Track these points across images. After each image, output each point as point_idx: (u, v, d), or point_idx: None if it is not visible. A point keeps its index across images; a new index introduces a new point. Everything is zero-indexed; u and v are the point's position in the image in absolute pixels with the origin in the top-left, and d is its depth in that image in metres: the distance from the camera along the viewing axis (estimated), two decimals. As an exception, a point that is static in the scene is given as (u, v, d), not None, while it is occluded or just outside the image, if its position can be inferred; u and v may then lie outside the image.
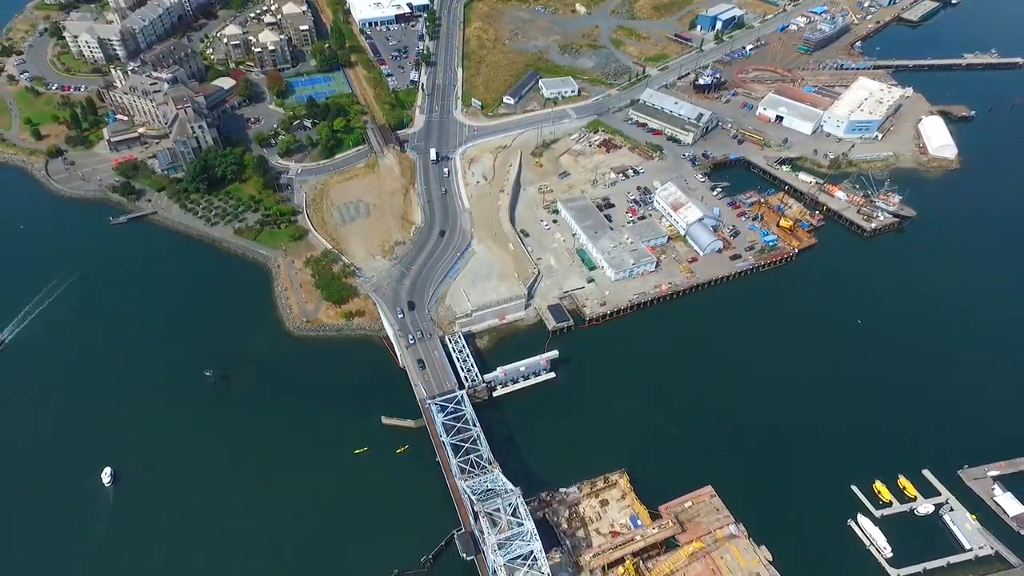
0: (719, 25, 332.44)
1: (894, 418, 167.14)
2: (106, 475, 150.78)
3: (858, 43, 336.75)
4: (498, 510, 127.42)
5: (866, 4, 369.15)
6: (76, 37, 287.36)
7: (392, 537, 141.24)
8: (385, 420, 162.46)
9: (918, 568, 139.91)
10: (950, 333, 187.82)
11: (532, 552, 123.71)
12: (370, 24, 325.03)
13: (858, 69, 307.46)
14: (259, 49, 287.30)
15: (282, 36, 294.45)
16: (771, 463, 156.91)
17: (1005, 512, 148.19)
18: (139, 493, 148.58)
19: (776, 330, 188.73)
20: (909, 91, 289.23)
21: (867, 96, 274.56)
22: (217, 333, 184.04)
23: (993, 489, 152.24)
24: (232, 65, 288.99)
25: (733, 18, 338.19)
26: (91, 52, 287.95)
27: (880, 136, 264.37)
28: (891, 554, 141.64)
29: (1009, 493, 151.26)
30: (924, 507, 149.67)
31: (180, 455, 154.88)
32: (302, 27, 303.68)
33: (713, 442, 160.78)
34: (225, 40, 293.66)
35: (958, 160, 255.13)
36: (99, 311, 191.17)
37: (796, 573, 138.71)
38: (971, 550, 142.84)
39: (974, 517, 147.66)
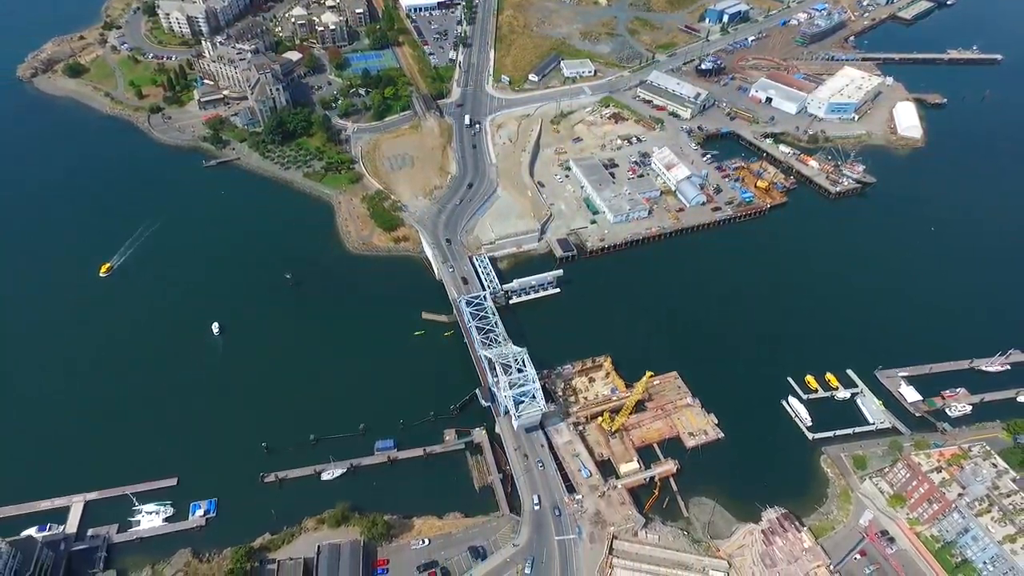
0: (725, 18, 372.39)
1: (830, 331, 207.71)
2: (215, 327, 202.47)
3: (851, 38, 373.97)
4: (508, 364, 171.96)
5: (865, 2, 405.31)
6: (168, 15, 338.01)
7: (429, 393, 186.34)
8: (425, 315, 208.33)
9: (830, 434, 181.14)
10: (888, 272, 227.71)
11: (532, 391, 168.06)
12: (415, 10, 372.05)
13: (847, 60, 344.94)
14: (321, 28, 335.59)
15: (341, 18, 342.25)
16: (726, 359, 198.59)
17: (905, 399, 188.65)
18: (239, 340, 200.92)
19: (743, 263, 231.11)
20: (889, 80, 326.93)
21: (848, 83, 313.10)
22: (291, 251, 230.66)
23: (900, 384, 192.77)
24: (298, 41, 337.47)
25: (739, 12, 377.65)
26: (179, 28, 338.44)
27: (856, 117, 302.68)
28: (810, 424, 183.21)
29: (912, 387, 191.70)
30: (842, 394, 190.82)
31: (269, 322, 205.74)
32: (357, 10, 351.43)
33: (682, 341, 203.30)
34: (292, 20, 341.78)
35: (923, 140, 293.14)
36: (198, 232, 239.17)
37: (736, 431, 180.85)
38: (874, 424, 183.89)
39: (881, 402, 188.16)
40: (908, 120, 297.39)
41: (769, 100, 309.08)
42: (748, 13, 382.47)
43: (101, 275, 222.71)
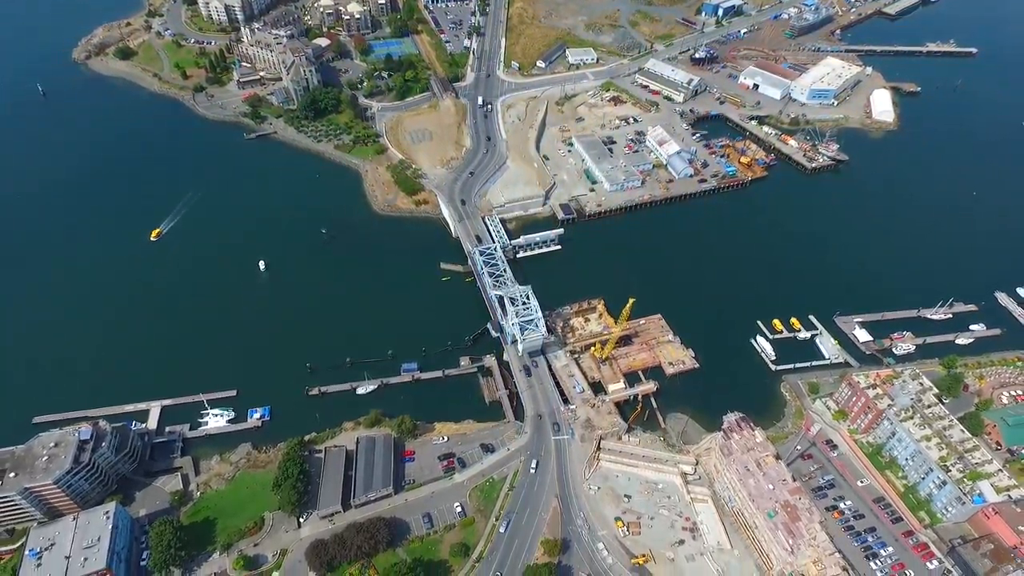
0: (720, 12, 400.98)
1: (797, 284, 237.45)
2: (261, 264, 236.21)
3: (837, 31, 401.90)
4: (515, 299, 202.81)
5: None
6: (207, 3, 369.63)
7: (447, 328, 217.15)
8: (443, 265, 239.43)
9: (790, 366, 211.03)
10: (851, 234, 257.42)
11: (535, 320, 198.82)
12: (433, 1, 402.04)
13: (831, 52, 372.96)
14: (347, 17, 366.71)
15: (365, 7, 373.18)
16: (704, 305, 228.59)
17: (857, 339, 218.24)
18: (284, 279, 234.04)
19: (724, 226, 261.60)
20: (869, 69, 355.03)
21: (829, 71, 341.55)
22: (325, 212, 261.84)
23: (854, 328, 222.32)
24: (326, 29, 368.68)
25: (733, 6, 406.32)
26: (218, 16, 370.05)
27: (836, 103, 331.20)
28: (774, 358, 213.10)
29: (864, 330, 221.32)
30: (803, 335, 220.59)
31: (308, 267, 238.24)
32: (379, 1, 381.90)
33: (667, 289, 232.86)
34: (321, 9, 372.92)
35: (896, 123, 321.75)
36: (242, 195, 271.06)
37: (709, 362, 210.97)
38: (829, 359, 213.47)
39: (836, 342, 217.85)
40: (882, 105, 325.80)
41: (756, 86, 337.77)
42: (742, 7, 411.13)
43: (152, 239, 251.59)
